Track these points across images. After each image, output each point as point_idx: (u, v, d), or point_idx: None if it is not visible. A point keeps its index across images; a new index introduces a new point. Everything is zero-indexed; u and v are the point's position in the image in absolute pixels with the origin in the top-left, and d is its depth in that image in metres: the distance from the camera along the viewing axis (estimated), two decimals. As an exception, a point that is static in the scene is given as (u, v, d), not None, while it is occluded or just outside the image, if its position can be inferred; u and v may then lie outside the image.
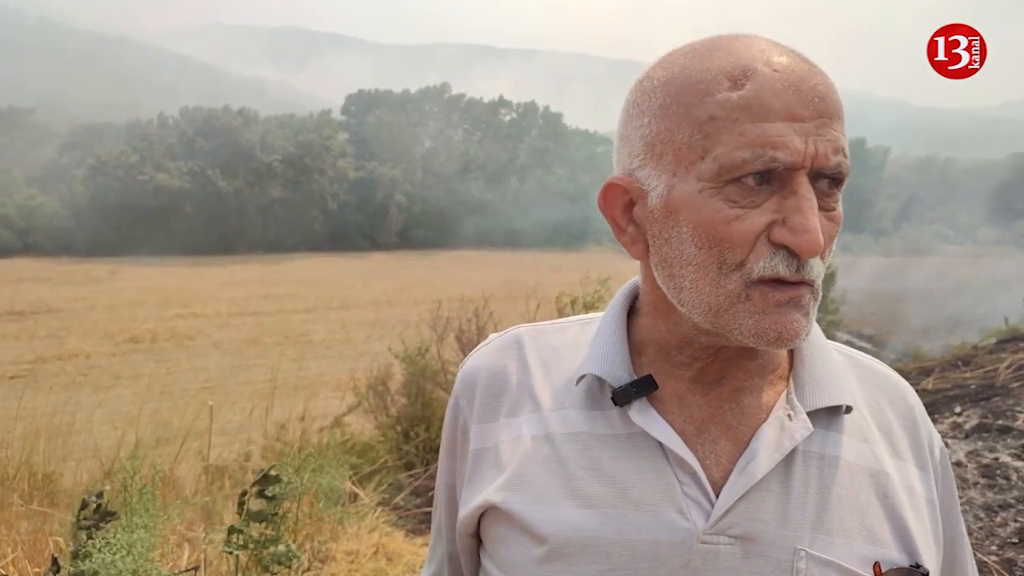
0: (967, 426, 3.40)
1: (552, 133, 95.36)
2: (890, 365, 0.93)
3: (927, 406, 0.80)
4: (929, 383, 5.08)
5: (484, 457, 0.84)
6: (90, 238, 65.69)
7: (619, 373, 0.79)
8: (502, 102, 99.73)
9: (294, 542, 2.43)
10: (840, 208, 0.72)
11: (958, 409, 3.62)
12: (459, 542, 0.89)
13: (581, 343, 0.86)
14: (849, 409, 0.78)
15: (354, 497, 3.44)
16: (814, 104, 0.68)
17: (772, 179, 0.69)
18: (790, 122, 0.67)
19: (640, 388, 0.77)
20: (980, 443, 3.19)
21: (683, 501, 0.73)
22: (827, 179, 0.70)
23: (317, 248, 75.08)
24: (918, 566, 0.74)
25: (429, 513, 3.18)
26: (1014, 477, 2.94)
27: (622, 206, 0.78)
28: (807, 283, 0.70)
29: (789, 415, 0.76)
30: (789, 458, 0.75)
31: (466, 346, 18.07)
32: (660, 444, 0.75)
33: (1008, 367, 4.85)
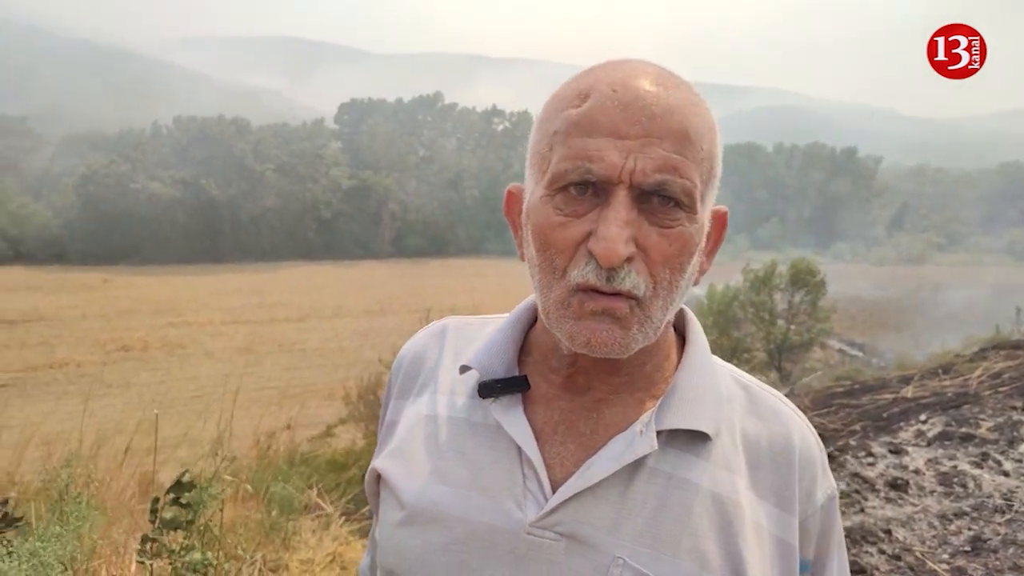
0: (930, 434, 3.44)
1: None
2: (877, 372, 0.95)
3: (901, 414, 0.83)
4: (909, 391, 5.12)
5: (391, 429, 0.93)
6: (82, 247, 65.50)
7: (494, 368, 0.84)
8: (495, 111, 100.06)
9: (243, 551, 2.45)
10: (687, 228, 0.73)
11: (923, 417, 3.66)
12: (369, 499, 0.97)
13: (490, 335, 0.92)
14: (710, 437, 0.79)
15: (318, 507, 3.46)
16: (641, 123, 0.71)
17: (597, 191, 0.72)
18: (612, 138, 0.71)
19: (507, 385, 0.83)
20: (940, 451, 3.23)
21: (522, 493, 0.78)
22: (657, 196, 0.72)
23: (311, 256, 74.99)
24: None
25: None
26: (971, 485, 2.96)
27: (518, 211, 0.83)
28: (623, 295, 0.71)
29: (641, 431, 0.78)
30: (633, 471, 0.77)
31: (457, 355, 18.02)
32: (514, 440, 0.81)
33: (980, 375, 4.90)
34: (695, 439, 0.79)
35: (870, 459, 3.07)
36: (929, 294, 61.68)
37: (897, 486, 2.87)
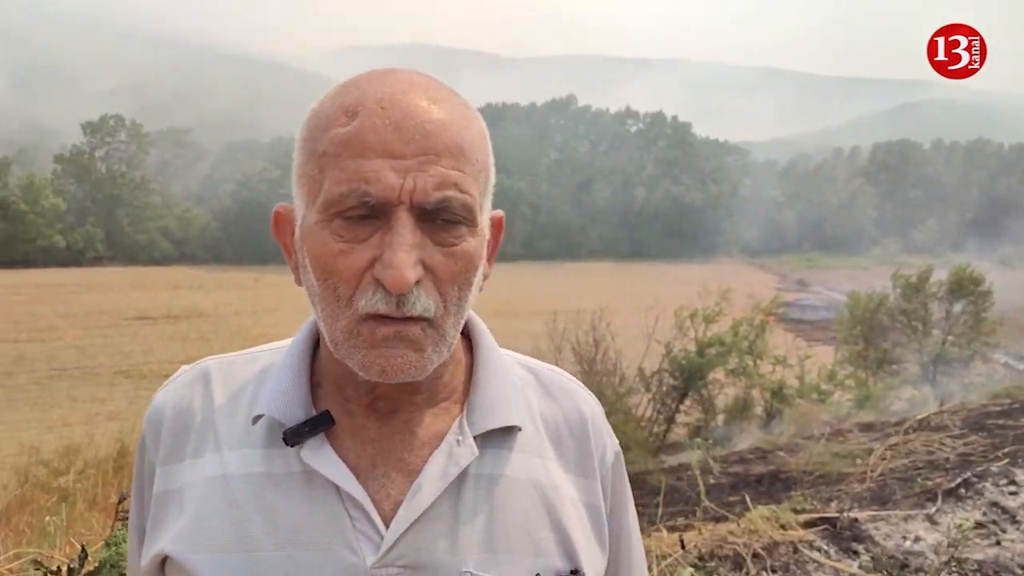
0: None
1: (680, 143, 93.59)
2: None
3: None
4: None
5: (168, 500, 0.79)
6: (238, 248, 70.62)
7: (295, 411, 0.76)
8: (629, 113, 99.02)
9: None
10: (470, 243, 0.73)
11: None
12: None
13: (265, 376, 0.82)
14: (520, 429, 0.81)
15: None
16: (416, 141, 0.69)
17: (377, 214, 0.69)
18: (387, 158, 0.68)
19: (314, 425, 0.75)
20: None
21: (353, 537, 0.73)
22: (439, 214, 0.70)
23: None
24: (576, 571, 0.79)
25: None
26: None
27: (289, 233, 0.78)
28: (414, 318, 0.70)
29: (458, 440, 0.77)
30: (459, 483, 0.77)
31: (583, 359, 18.11)
32: (333, 482, 0.75)
33: None
34: (506, 434, 0.80)
35: (1012, 488, 2.85)
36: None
37: None
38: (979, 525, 2.67)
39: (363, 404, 0.78)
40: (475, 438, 0.78)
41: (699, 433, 17.74)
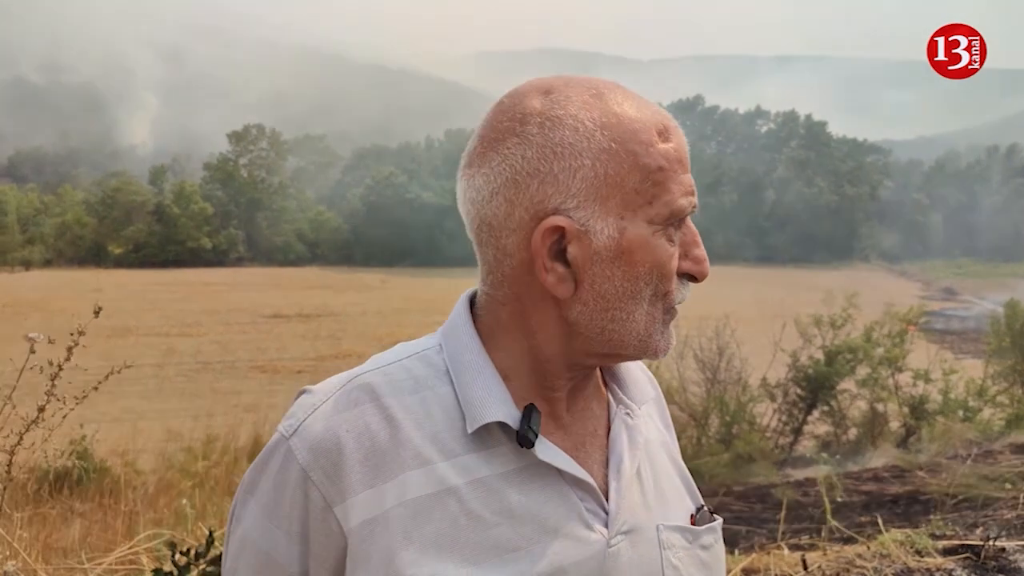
0: None
1: (814, 143, 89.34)
2: None
3: None
4: None
5: (379, 527, 0.76)
6: (366, 250, 73.56)
7: (512, 412, 0.80)
8: (759, 112, 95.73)
9: None
10: None
11: None
12: None
13: (435, 382, 0.83)
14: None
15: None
16: (688, 158, 0.83)
17: None
18: (688, 173, 0.81)
19: (534, 423, 0.80)
20: None
21: (588, 516, 0.81)
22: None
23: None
24: (701, 507, 0.94)
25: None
26: None
27: (550, 245, 0.78)
28: None
29: (628, 413, 0.90)
30: (636, 450, 0.89)
31: (706, 366, 17.56)
32: (557, 469, 0.81)
33: None
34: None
35: None
36: None
37: None
38: None
39: (565, 391, 0.85)
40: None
41: (828, 447, 16.80)
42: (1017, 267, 74.53)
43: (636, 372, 0.95)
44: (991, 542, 2.40)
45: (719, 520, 0.94)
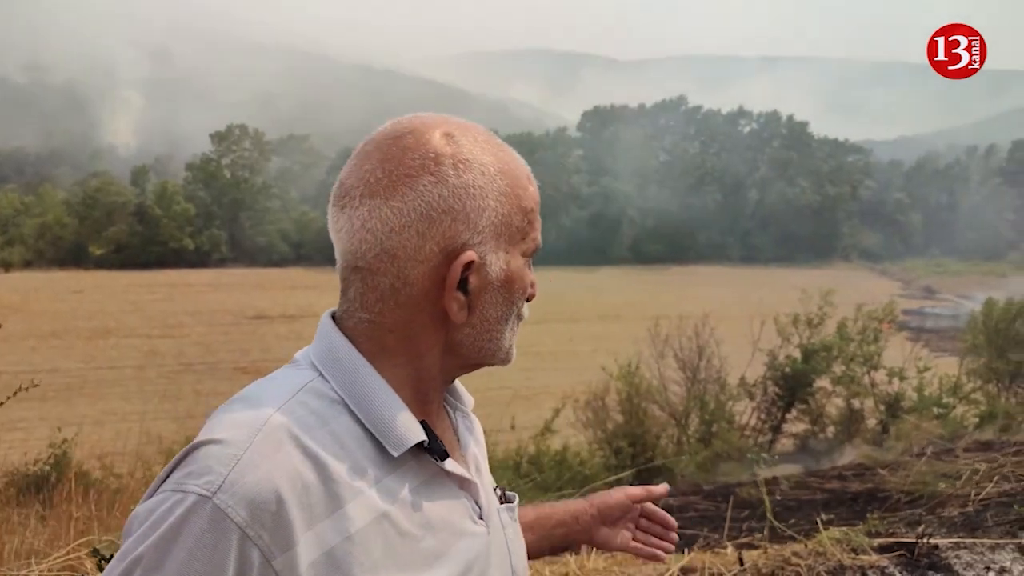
0: None
1: (796, 143, 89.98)
2: None
3: None
4: None
5: (325, 570, 0.77)
6: (346, 253, 73.46)
7: (420, 432, 0.87)
8: (742, 112, 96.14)
9: None
10: None
11: None
12: None
13: (334, 414, 0.84)
14: None
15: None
16: None
17: None
18: None
19: (435, 437, 0.89)
20: None
21: (472, 513, 0.93)
22: None
23: (550, 262, 77.32)
24: (496, 487, 1.05)
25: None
26: None
27: (460, 277, 0.87)
28: None
29: (464, 413, 1.04)
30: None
31: (686, 365, 17.65)
32: (447, 473, 0.90)
33: None
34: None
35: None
36: None
37: None
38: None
39: (437, 402, 0.96)
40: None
41: (807, 445, 16.97)
42: (995, 266, 75.50)
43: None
44: (924, 540, 2.47)
45: (515, 495, 1.07)
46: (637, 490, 1.30)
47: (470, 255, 0.85)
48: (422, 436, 0.86)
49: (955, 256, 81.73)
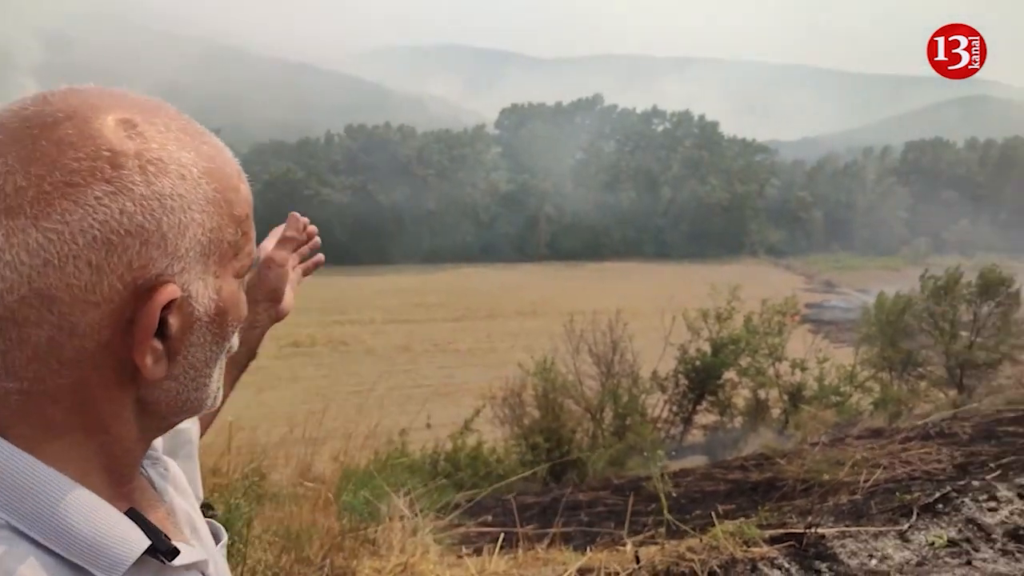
0: None
1: (707, 143, 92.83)
2: None
3: None
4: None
5: None
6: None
7: (139, 532, 0.64)
8: (655, 112, 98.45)
9: (313, 556, 2.52)
10: None
11: None
12: None
13: (6, 547, 0.59)
14: None
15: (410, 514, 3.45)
16: None
17: None
18: None
19: (158, 534, 0.66)
20: None
21: None
22: None
23: (469, 259, 77.38)
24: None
25: (481, 533, 3.19)
26: None
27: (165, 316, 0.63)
28: None
29: (166, 467, 0.80)
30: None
31: (601, 360, 17.94)
32: (176, 568, 0.68)
33: None
34: None
35: (992, 504, 2.67)
36: None
37: (1018, 537, 2.55)
38: (952, 543, 2.50)
39: (133, 475, 0.71)
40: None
41: (716, 435, 17.52)
42: (890, 260, 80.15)
43: None
44: (812, 530, 2.53)
45: (223, 531, 0.86)
46: (276, 250, 1.13)
47: (171, 290, 0.61)
48: (144, 543, 0.62)
49: (853, 252, 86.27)
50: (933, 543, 2.46)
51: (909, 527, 2.58)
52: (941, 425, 5.04)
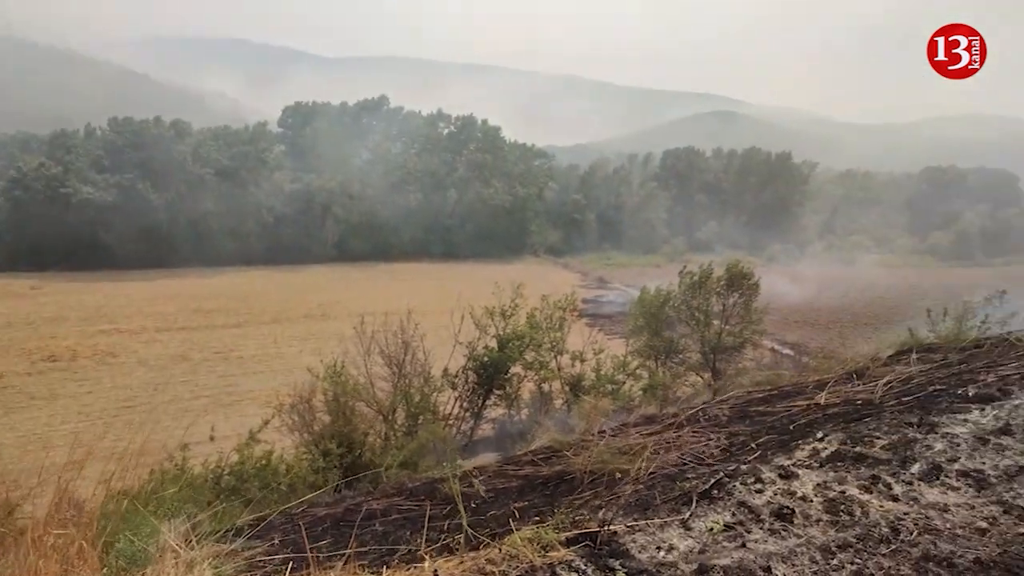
0: (824, 453, 3.30)
1: (490, 146, 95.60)
2: (799, 375, 0.90)
3: (807, 426, 0.74)
4: (822, 397, 5.12)
5: None
6: (10, 253, 62.78)
7: None
8: (440, 115, 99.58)
9: None
10: None
11: (820, 434, 3.55)
12: None
13: None
14: None
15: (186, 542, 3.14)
16: None
17: None
18: None
19: None
20: (832, 474, 3.06)
21: None
22: None
23: (252, 262, 73.49)
24: None
25: (271, 557, 2.97)
26: (858, 512, 2.84)
27: None
28: None
29: None
30: None
31: (392, 361, 17.77)
32: None
33: (888, 381, 4.89)
34: None
35: (759, 485, 2.96)
36: (858, 295, 63.78)
37: (783, 516, 2.79)
38: (727, 527, 2.73)
39: None
40: None
41: (504, 428, 18.10)
42: (653, 258, 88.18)
43: None
44: (605, 528, 2.63)
45: None
46: None
47: None
48: None
49: (622, 250, 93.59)
50: (712, 529, 2.65)
51: (690, 515, 2.77)
52: (705, 409, 5.52)
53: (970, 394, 4.10)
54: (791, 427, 4.04)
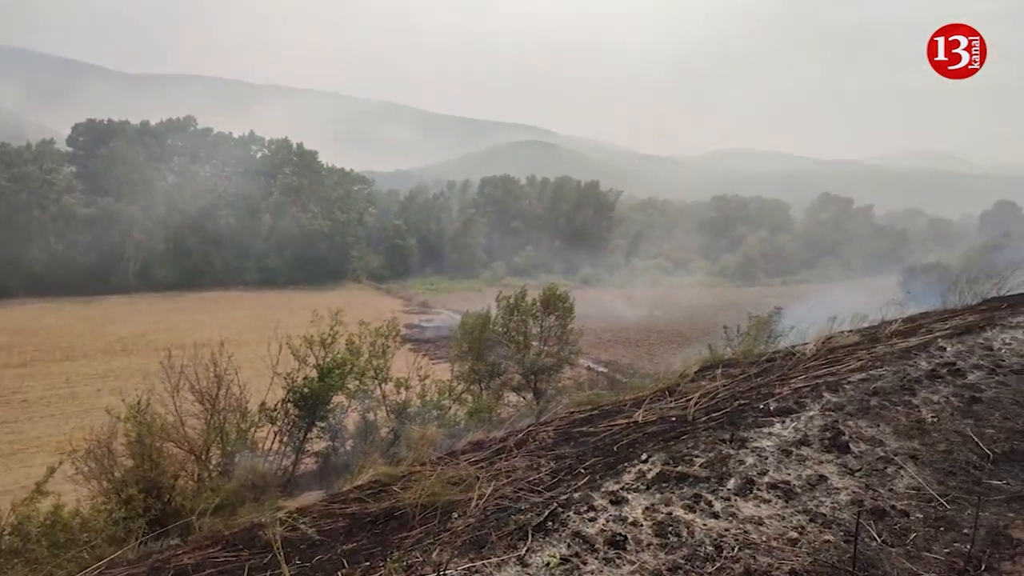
0: (650, 475, 3.42)
1: (307, 171, 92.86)
2: (615, 397, 0.90)
3: (629, 447, 0.74)
4: (639, 415, 5.34)
5: None
6: None
7: None
8: (253, 138, 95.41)
9: None
10: None
11: (644, 456, 3.69)
12: None
13: None
14: None
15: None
16: None
17: None
18: None
19: None
20: (658, 496, 3.15)
21: None
22: None
23: (39, 293, 66.12)
24: None
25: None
26: (684, 533, 2.89)
27: None
28: None
29: None
30: None
31: (204, 396, 16.61)
32: None
33: (698, 399, 5.22)
34: None
35: (591, 513, 3.01)
36: (662, 313, 68.66)
37: (616, 543, 2.82)
38: (564, 560, 2.75)
39: None
40: None
41: (329, 462, 17.43)
42: (475, 283, 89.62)
43: None
44: (440, 573, 2.56)
45: None
46: None
47: None
48: None
49: (444, 275, 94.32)
50: (548, 563, 2.64)
51: (527, 550, 2.75)
52: (531, 432, 5.59)
53: (771, 408, 4.47)
54: (615, 448, 4.19)
